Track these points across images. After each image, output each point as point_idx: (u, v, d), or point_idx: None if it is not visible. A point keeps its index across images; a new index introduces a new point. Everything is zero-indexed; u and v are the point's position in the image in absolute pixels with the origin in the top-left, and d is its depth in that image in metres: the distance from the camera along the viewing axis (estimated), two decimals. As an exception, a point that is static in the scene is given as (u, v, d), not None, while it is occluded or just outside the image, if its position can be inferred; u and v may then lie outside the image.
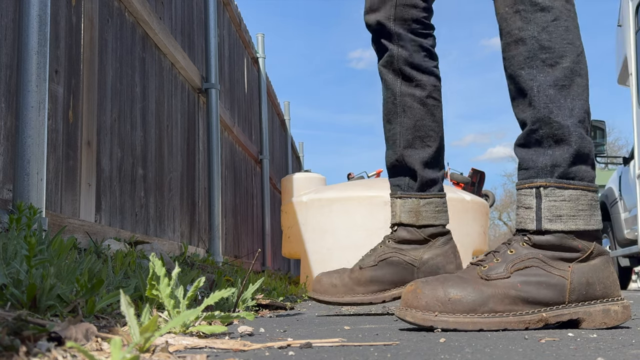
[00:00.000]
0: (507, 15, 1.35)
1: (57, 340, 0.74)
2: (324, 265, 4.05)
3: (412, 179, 1.77)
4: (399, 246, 1.76)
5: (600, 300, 1.27)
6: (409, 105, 1.76)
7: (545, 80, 1.31)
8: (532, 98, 1.32)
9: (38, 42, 1.68)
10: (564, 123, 1.30)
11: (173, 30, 3.31)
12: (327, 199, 4.17)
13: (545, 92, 1.31)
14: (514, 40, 1.34)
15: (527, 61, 1.32)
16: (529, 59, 1.32)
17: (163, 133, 3.08)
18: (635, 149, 5.64)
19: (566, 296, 1.25)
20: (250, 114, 5.83)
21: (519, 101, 1.35)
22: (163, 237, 3.01)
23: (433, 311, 1.21)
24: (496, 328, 1.22)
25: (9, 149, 1.72)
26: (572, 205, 1.28)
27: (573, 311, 1.26)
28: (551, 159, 1.30)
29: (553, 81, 1.31)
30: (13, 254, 1.10)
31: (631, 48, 5.72)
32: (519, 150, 1.36)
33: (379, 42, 1.77)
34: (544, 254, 1.26)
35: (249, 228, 5.52)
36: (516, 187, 1.36)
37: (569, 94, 1.31)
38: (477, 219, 4.36)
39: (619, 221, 6.73)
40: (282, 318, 1.66)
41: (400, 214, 1.76)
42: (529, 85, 1.32)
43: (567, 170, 1.30)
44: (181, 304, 1.01)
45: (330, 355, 0.84)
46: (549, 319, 1.25)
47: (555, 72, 1.31)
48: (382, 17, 1.73)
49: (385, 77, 1.79)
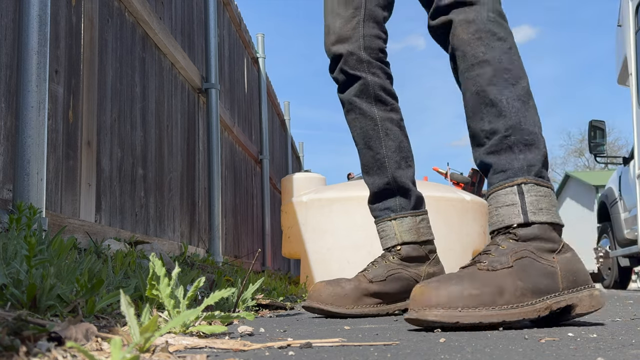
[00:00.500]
0: (470, 41, 1.50)
1: (57, 340, 0.74)
2: (324, 265, 4.05)
3: (404, 198, 1.83)
4: (404, 263, 1.81)
5: (584, 286, 1.37)
6: (390, 128, 1.84)
7: (511, 95, 1.45)
8: (503, 109, 1.44)
9: (38, 42, 1.68)
10: (533, 130, 1.44)
11: (173, 30, 3.31)
12: (327, 199, 4.17)
13: (513, 103, 1.45)
14: (479, 62, 1.49)
15: (493, 79, 1.47)
16: (495, 77, 1.47)
17: (163, 133, 3.08)
18: (635, 149, 5.64)
19: (559, 284, 1.34)
20: (250, 114, 5.83)
21: (485, 113, 1.47)
22: (163, 237, 3.01)
23: (456, 307, 1.23)
24: (516, 319, 1.27)
25: (9, 149, 1.72)
26: (547, 200, 1.41)
27: (568, 297, 1.34)
28: (526, 161, 1.42)
29: (517, 96, 1.46)
30: (13, 254, 1.10)
31: (631, 48, 5.72)
32: (491, 157, 1.46)
33: (348, 72, 1.83)
34: (532, 247, 1.36)
35: (249, 228, 5.52)
36: (493, 190, 1.44)
37: (530, 107, 1.47)
38: (477, 219, 4.36)
39: (619, 221, 6.73)
40: (282, 318, 1.66)
41: (401, 234, 1.81)
42: (498, 98, 1.45)
43: (540, 169, 1.43)
44: (181, 304, 1.01)
45: (330, 355, 0.84)
46: (552, 305, 1.31)
47: (517, 89, 1.46)
48: (353, 48, 1.81)
49: (360, 105, 1.84)
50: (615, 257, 7.09)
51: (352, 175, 8.85)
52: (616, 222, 6.83)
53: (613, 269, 7.27)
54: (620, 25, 6.13)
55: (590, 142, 6.57)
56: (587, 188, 24.65)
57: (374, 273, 1.78)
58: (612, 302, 2.53)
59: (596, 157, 6.71)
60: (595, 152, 6.57)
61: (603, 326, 1.31)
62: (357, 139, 1.88)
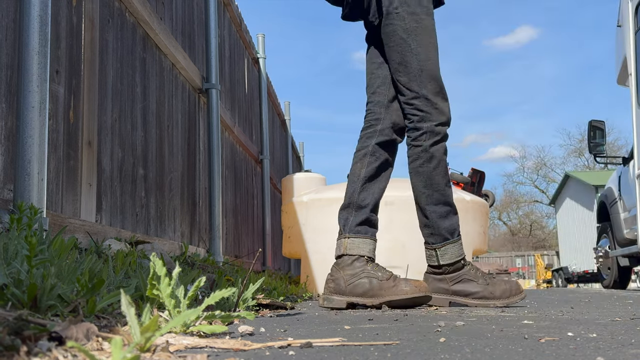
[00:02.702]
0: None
1: (57, 340, 0.74)
2: (325, 265, 4.04)
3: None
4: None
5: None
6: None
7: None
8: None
9: (39, 43, 1.69)
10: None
11: (174, 31, 3.31)
12: (327, 199, 4.17)
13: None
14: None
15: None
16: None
17: (164, 133, 3.08)
18: (635, 149, 5.64)
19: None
20: (250, 114, 5.83)
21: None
22: (164, 237, 3.01)
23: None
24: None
25: (10, 149, 1.72)
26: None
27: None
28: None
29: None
30: (14, 254, 1.10)
31: (631, 48, 5.72)
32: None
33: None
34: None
35: (250, 228, 5.52)
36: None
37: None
38: (477, 219, 4.36)
39: (619, 221, 6.72)
40: (282, 318, 1.66)
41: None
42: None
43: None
44: (182, 303, 1.01)
45: (330, 355, 0.84)
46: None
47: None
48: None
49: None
50: (614, 256, 7.09)
51: (352, 175, 8.79)
52: (616, 222, 6.82)
53: (613, 268, 7.27)
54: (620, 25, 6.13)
55: (590, 142, 6.57)
56: (587, 188, 24.65)
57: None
58: (612, 302, 2.53)
59: (596, 157, 6.70)
60: (595, 152, 6.56)
61: (603, 326, 1.32)
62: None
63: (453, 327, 1.29)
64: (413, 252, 3.97)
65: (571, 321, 1.43)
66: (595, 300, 2.83)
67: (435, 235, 2.25)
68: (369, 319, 1.59)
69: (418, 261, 3.91)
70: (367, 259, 2.19)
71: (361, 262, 2.18)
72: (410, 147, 2.27)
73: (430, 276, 2.29)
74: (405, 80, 2.24)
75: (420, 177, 2.25)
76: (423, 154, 2.23)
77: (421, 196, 2.26)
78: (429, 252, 2.28)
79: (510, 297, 2.22)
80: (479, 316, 1.65)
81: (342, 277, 2.17)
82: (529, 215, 45.51)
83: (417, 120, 2.24)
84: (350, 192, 2.29)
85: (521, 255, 33.67)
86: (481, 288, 2.22)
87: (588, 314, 1.74)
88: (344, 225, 2.26)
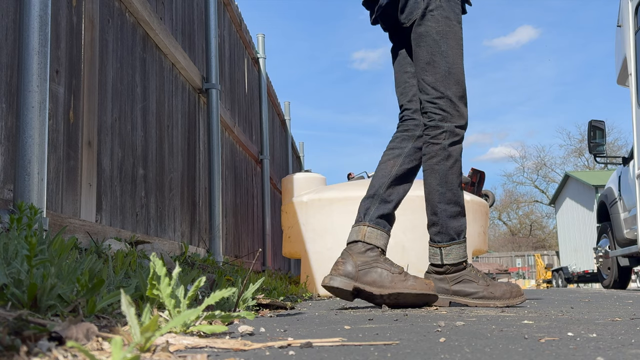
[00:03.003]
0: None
1: (57, 340, 0.74)
2: (325, 264, 4.04)
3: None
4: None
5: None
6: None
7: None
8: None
9: (39, 43, 1.69)
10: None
11: (174, 31, 3.31)
12: (327, 199, 4.18)
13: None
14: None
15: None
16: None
17: (164, 133, 3.08)
18: (635, 149, 5.64)
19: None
20: (250, 114, 5.83)
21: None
22: (164, 237, 3.01)
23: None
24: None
25: (10, 149, 1.72)
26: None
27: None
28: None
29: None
30: (14, 254, 1.10)
31: (631, 48, 5.72)
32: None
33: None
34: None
35: (250, 228, 5.52)
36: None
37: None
38: (477, 219, 4.36)
39: (619, 221, 6.73)
40: (282, 318, 1.66)
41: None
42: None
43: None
44: (182, 303, 1.01)
45: (330, 354, 0.84)
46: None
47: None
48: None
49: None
50: (614, 256, 7.09)
51: (352, 175, 8.84)
52: (616, 222, 6.83)
53: (612, 268, 7.28)
54: (620, 25, 6.13)
55: (589, 142, 6.57)
56: (587, 188, 24.65)
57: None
58: (612, 302, 2.53)
59: (596, 157, 6.70)
60: (595, 152, 6.57)
61: (603, 326, 1.32)
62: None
63: (453, 327, 1.29)
64: (413, 252, 3.98)
65: (571, 321, 1.43)
66: (595, 300, 2.83)
67: (442, 233, 2.26)
68: (369, 319, 1.59)
69: (418, 261, 3.91)
70: (381, 252, 2.21)
71: (375, 252, 2.20)
72: (427, 144, 2.29)
73: (431, 275, 2.30)
74: (432, 79, 2.28)
75: (435, 174, 2.27)
76: (441, 152, 2.26)
77: (434, 194, 2.27)
78: (433, 250, 2.28)
79: (511, 298, 2.23)
80: (479, 316, 1.65)
81: (354, 263, 2.18)
82: (528, 216, 45.54)
83: (438, 120, 2.27)
84: (377, 185, 2.32)
85: (521, 255, 33.68)
86: (481, 288, 2.24)
87: (588, 314, 1.74)
88: (364, 213, 2.29)
